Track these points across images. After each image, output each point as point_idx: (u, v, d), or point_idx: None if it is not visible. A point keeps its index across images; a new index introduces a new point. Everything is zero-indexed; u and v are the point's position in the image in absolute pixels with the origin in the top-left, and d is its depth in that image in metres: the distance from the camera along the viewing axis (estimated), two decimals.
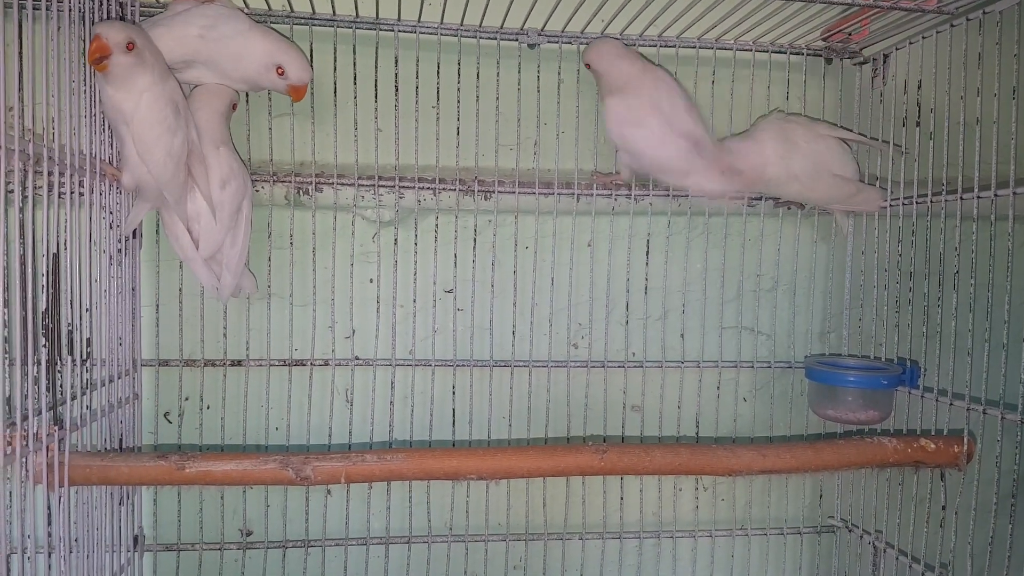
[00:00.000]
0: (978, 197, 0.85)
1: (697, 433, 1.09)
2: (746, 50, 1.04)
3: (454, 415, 1.04)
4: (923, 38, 0.94)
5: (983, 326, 0.84)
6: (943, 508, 0.90)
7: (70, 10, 0.79)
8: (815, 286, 1.11)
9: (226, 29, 0.87)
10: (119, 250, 0.91)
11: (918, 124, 0.96)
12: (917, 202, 0.95)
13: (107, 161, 0.87)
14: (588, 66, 0.96)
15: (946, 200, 0.90)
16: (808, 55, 1.06)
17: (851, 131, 1.03)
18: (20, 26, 0.71)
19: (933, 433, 0.91)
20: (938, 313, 0.92)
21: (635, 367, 1.07)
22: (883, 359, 1.02)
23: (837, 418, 0.99)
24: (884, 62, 1.04)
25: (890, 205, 1.00)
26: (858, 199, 1.01)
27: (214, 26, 0.86)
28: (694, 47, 1.03)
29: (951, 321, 0.90)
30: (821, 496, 1.13)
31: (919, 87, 0.95)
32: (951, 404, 0.90)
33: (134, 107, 0.80)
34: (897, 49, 1.00)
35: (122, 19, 0.90)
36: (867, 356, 1.05)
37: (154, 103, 0.81)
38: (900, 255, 0.98)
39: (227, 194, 0.90)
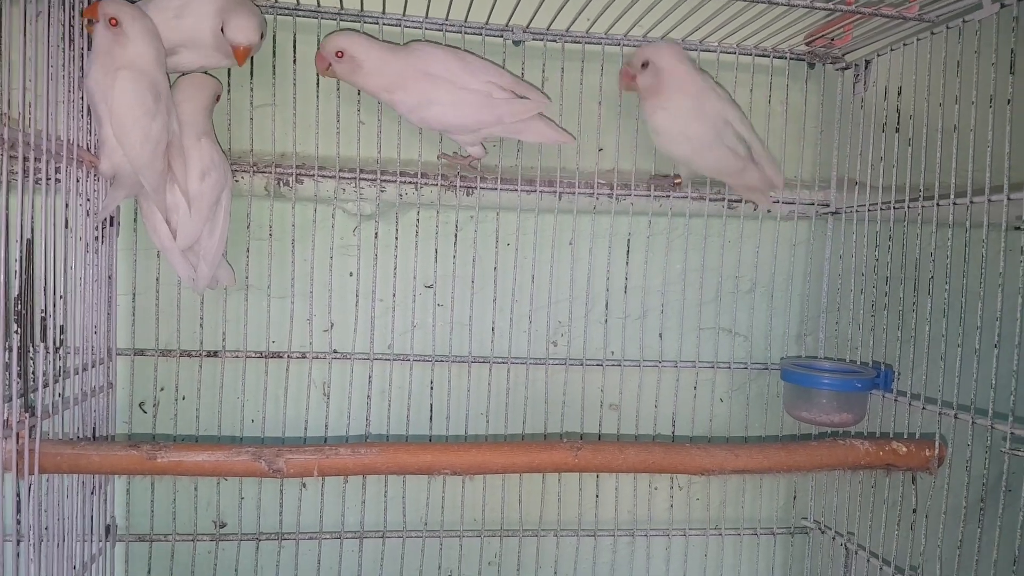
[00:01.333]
0: (954, 203, 0.86)
1: (673, 432, 1.09)
2: (729, 53, 1.04)
3: (431, 410, 1.04)
4: (904, 45, 0.95)
5: (957, 332, 0.85)
6: (914, 511, 0.91)
7: None
8: (793, 289, 1.11)
9: (199, 5, 0.86)
10: (96, 237, 0.90)
11: (897, 130, 0.97)
12: (895, 207, 0.96)
13: (85, 148, 0.86)
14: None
15: (923, 206, 0.91)
16: (791, 59, 1.06)
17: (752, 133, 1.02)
18: None
19: (906, 436, 0.92)
20: (913, 318, 0.93)
21: (613, 366, 1.07)
22: (858, 362, 1.02)
23: (811, 420, 0.99)
24: (866, 68, 1.04)
25: (868, 210, 1.01)
26: (746, 176, 1.00)
27: (187, 4, 0.86)
28: None
29: (926, 326, 0.91)
30: (795, 497, 1.14)
31: (899, 93, 0.96)
32: (924, 408, 0.91)
33: (111, 84, 0.80)
34: (879, 55, 1.01)
35: None
36: (843, 359, 1.06)
37: (132, 82, 0.80)
38: (877, 259, 0.99)
39: (206, 185, 0.89)
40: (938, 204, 0.88)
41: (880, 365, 0.99)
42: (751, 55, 1.05)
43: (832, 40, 1.02)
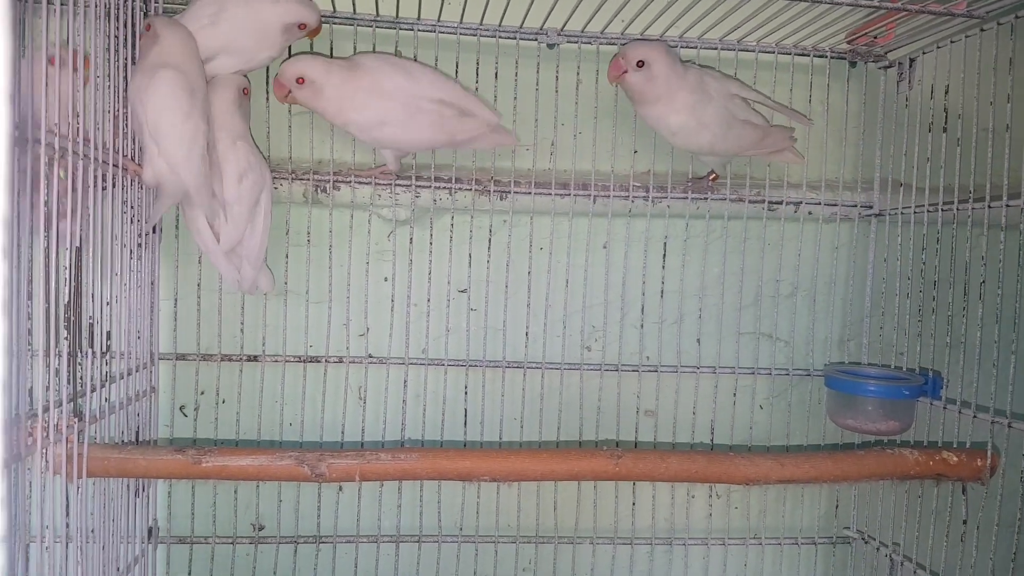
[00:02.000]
0: (1007, 205, 0.83)
1: (712, 440, 1.08)
2: (769, 52, 1.03)
3: (466, 415, 1.04)
4: (951, 42, 0.92)
5: (1009, 337, 0.83)
6: (964, 522, 0.88)
7: (95, 7, 0.79)
8: (835, 293, 1.09)
9: (234, 9, 0.88)
10: (139, 244, 0.91)
11: (944, 130, 0.94)
12: (943, 209, 0.93)
13: (129, 157, 0.88)
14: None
15: (972, 208, 0.88)
16: (832, 58, 1.04)
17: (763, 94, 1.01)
18: (46, 21, 0.72)
19: (955, 446, 0.90)
20: (962, 323, 0.90)
21: (649, 371, 1.06)
22: (904, 369, 1.00)
23: (856, 428, 0.97)
24: (910, 66, 1.02)
25: (914, 212, 0.98)
26: (767, 142, 0.99)
27: (222, 9, 0.87)
28: (716, 48, 1.02)
29: (975, 331, 0.89)
30: (837, 506, 1.12)
31: (946, 92, 0.94)
32: (975, 416, 0.88)
33: (147, 84, 0.82)
34: (924, 53, 0.99)
35: (145, 14, 0.91)
36: (887, 365, 1.04)
37: (167, 81, 0.82)
38: (924, 263, 0.97)
39: (244, 187, 0.90)
40: (989, 206, 0.85)
41: (927, 372, 0.97)
42: (791, 54, 1.03)
43: (875, 38, 1.00)
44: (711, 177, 1.02)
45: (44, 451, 0.71)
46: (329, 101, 0.91)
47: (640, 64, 0.92)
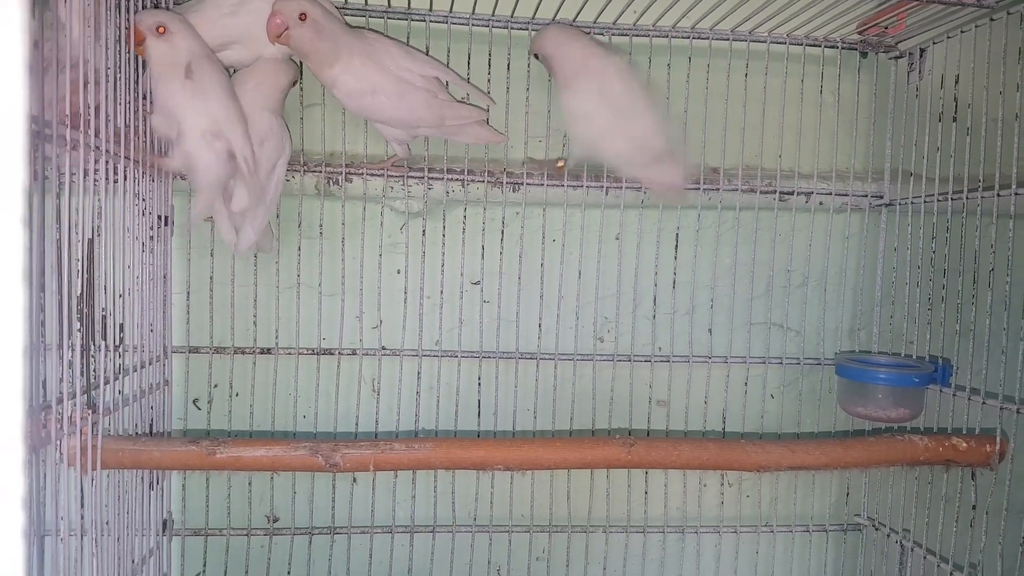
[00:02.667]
0: (1016, 194, 0.83)
1: (724, 429, 1.08)
2: (780, 43, 1.03)
3: (479, 406, 1.05)
4: (961, 32, 0.93)
5: (1017, 325, 0.83)
6: (973, 508, 0.89)
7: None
8: (846, 282, 1.09)
9: (257, 2, 0.87)
10: (151, 237, 0.91)
11: (955, 119, 0.94)
12: (952, 198, 0.94)
13: (150, 147, 0.88)
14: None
15: (982, 196, 0.89)
16: (843, 48, 1.04)
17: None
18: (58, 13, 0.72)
19: (964, 432, 0.90)
20: (971, 311, 0.91)
21: (662, 362, 1.06)
22: (914, 357, 1.00)
23: (867, 415, 0.98)
24: (921, 56, 1.02)
25: (924, 201, 0.99)
26: (653, 170, 0.96)
27: (244, 1, 0.87)
28: (727, 39, 1.02)
29: (985, 319, 0.89)
30: (848, 494, 1.12)
31: (956, 82, 0.94)
32: (983, 403, 0.88)
33: (175, 96, 0.82)
34: (934, 43, 0.99)
35: (156, 6, 0.90)
36: (898, 354, 1.04)
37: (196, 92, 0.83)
38: (933, 252, 0.97)
39: (264, 151, 0.90)
40: (998, 195, 0.85)
41: (937, 359, 0.97)
42: (802, 45, 1.03)
43: (885, 28, 1.00)
44: (558, 164, 1.01)
45: (58, 443, 0.71)
46: (325, 49, 0.87)
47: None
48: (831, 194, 1.05)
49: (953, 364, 0.95)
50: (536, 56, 0.95)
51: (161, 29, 0.81)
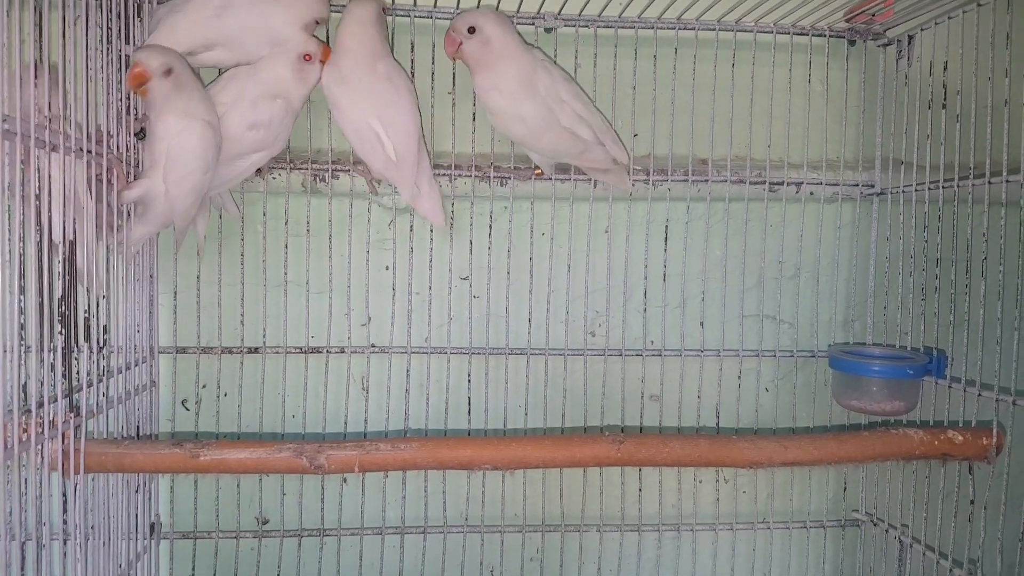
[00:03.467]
0: (1007, 181, 0.82)
1: (718, 424, 1.07)
2: (767, 32, 1.02)
3: (470, 404, 1.04)
4: (949, 18, 0.91)
5: (1012, 314, 0.82)
6: (971, 502, 0.88)
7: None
8: (838, 273, 1.08)
9: (241, 5, 0.87)
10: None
11: (944, 106, 0.93)
12: (943, 187, 0.92)
13: (117, 155, 0.86)
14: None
15: (973, 184, 0.88)
16: (830, 37, 1.03)
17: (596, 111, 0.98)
18: (39, 14, 0.71)
19: (961, 424, 0.89)
20: (965, 301, 0.89)
21: (653, 356, 1.05)
22: (909, 348, 0.99)
23: (862, 408, 0.96)
24: (909, 43, 1.01)
25: (916, 190, 0.97)
26: (588, 157, 0.96)
27: (229, 4, 0.87)
28: (713, 29, 1.01)
29: (979, 309, 0.88)
30: (845, 489, 1.11)
31: (945, 68, 0.93)
32: (979, 395, 0.87)
33: (175, 135, 0.81)
34: (922, 30, 0.98)
35: (138, 7, 0.90)
36: (892, 345, 1.03)
37: (200, 137, 0.82)
38: (926, 241, 0.96)
39: (248, 136, 0.89)
40: (989, 182, 0.84)
41: (932, 351, 0.96)
42: (789, 34, 1.02)
43: (873, 16, 0.99)
44: (536, 171, 1.00)
45: (40, 447, 0.70)
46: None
47: (471, 31, 0.90)
48: (821, 184, 1.04)
49: (948, 355, 0.94)
50: (471, 30, 0.90)
51: (168, 72, 0.80)
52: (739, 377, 1.07)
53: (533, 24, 0.99)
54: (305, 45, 0.90)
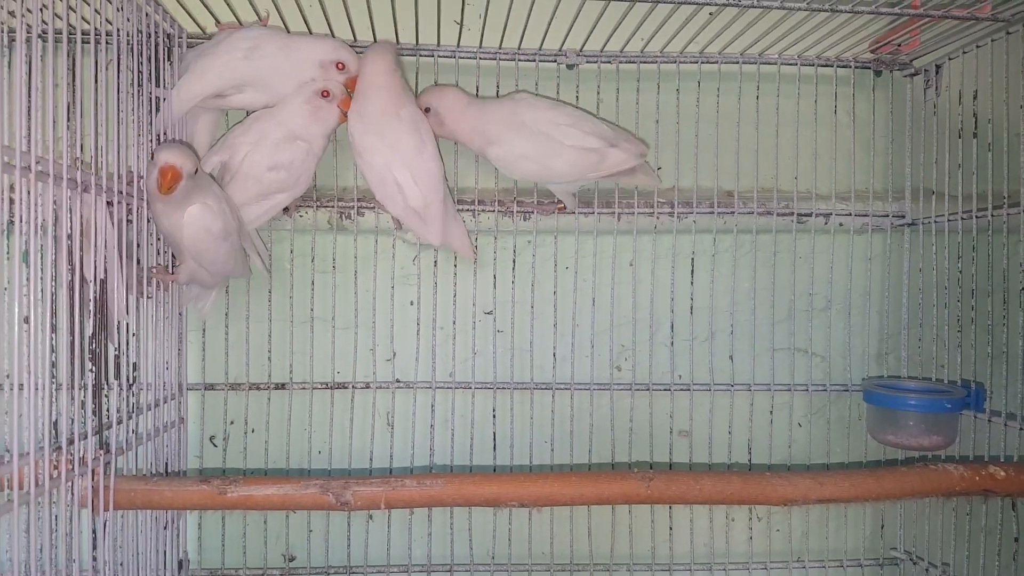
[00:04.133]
0: None
1: (750, 460, 1.05)
2: (791, 64, 1.01)
3: (495, 439, 1.03)
4: (977, 47, 0.91)
5: None
6: (1015, 539, 0.85)
7: (118, 43, 0.81)
8: (871, 305, 1.06)
9: (270, 47, 0.89)
10: (167, 271, 0.92)
11: (975, 135, 0.92)
12: (977, 216, 0.91)
13: (163, 268, 0.91)
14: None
15: (1008, 213, 0.86)
16: (856, 67, 1.03)
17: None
18: (72, 59, 0.73)
19: (1002, 460, 0.86)
20: (1003, 332, 0.87)
21: (682, 390, 1.04)
22: (946, 381, 0.97)
23: (898, 444, 0.94)
24: (937, 73, 1.00)
25: (948, 220, 0.96)
26: (608, 164, 0.94)
27: (258, 46, 0.88)
28: (737, 62, 1.01)
29: (1017, 340, 0.85)
30: (883, 526, 1.07)
31: (975, 97, 0.92)
32: (1021, 428, 0.85)
33: (184, 222, 0.83)
34: (950, 59, 0.97)
35: (168, 50, 0.92)
36: (928, 378, 1.00)
37: (202, 215, 0.83)
38: (960, 272, 0.94)
39: (268, 176, 0.91)
40: None
41: (970, 383, 0.93)
42: (814, 65, 1.02)
43: (899, 46, 0.99)
44: (558, 206, 1.00)
45: (70, 484, 0.71)
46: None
47: (427, 111, 0.94)
48: (851, 215, 1.03)
49: (987, 388, 0.91)
50: (427, 111, 0.94)
51: (197, 170, 0.82)
52: (771, 412, 1.04)
53: (555, 61, 1.00)
54: (323, 82, 0.91)
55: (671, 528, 1.05)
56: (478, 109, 0.94)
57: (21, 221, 0.63)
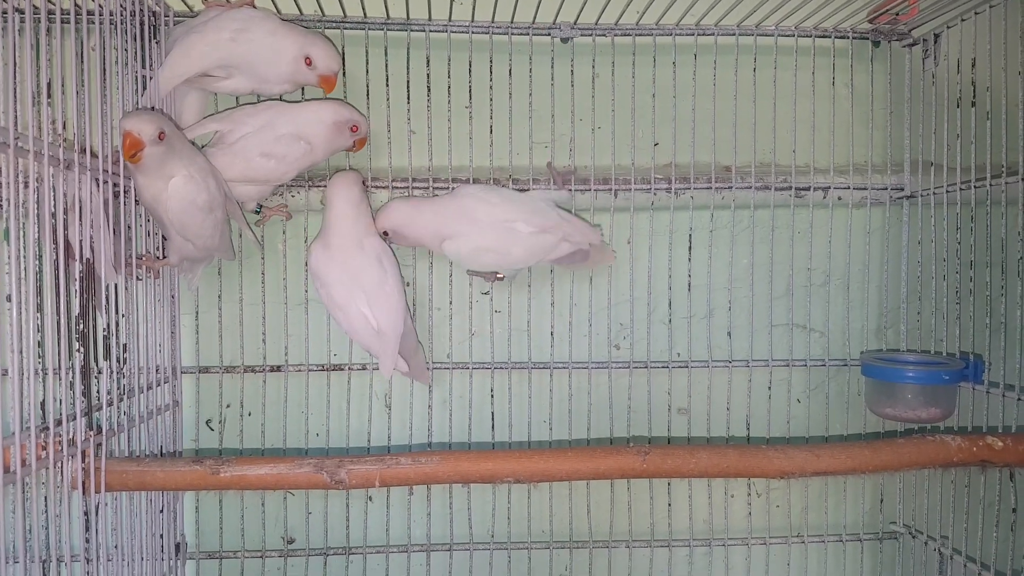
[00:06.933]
0: None
1: (748, 436, 1.04)
2: (788, 35, 1.00)
3: (493, 418, 1.02)
4: (976, 14, 0.89)
5: None
6: (1014, 510, 0.84)
7: (101, 21, 0.79)
8: (870, 279, 1.05)
9: (257, 31, 0.87)
10: (157, 257, 0.91)
11: (973, 104, 0.91)
12: (975, 187, 0.90)
13: (152, 256, 0.90)
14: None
15: (1007, 183, 0.85)
16: (854, 38, 1.01)
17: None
18: (56, 36, 0.72)
19: (1000, 430, 0.86)
20: (1002, 304, 0.86)
21: (680, 367, 1.03)
22: (944, 354, 0.96)
23: (896, 416, 0.93)
24: (935, 42, 0.99)
25: (947, 191, 0.95)
26: (558, 253, 0.94)
27: (245, 28, 0.86)
28: (733, 34, 0.99)
29: (1016, 312, 0.85)
30: (882, 500, 1.07)
31: (973, 66, 0.90)
32: (1019, 399, 0.84)
33: (167, 194, 0.81)
34: (948, 28, 0.95)
35: (154, 28, 0.91)
36: (927, 351, 1.00)
37: (185, 187, 0.81)
38: (959, 244, 0.93)
39: (259, 162, 0.90)
40: (1023, 180, 0.82)
41: (968, 356, 0.93)
42: (811, 36, 1.00)
43: (897, 15, 0.97)
44: (498, 276, 0.98)
45: (59, 465, 0.70)
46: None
47: (385, 234, 0.93)
48: (849, 188, 1.02)
49: (985, 360, 0.90)
50: (385, 234, 0.94)
51: (162, 135, 0.78)
52: (769, 388, 1.04)
53: (549, 34, 0.99)
54: (359, 118, 0.93)
55: (670, 505, 1.04)
56: (430, 212, 0.93)
57: (1, 198, 0.62)
